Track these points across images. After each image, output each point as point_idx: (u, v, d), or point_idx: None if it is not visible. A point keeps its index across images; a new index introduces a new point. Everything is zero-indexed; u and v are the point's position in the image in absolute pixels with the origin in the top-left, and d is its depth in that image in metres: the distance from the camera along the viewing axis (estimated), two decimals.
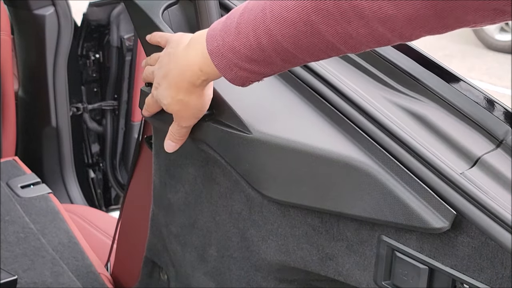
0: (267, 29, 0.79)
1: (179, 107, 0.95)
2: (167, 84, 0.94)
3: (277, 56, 0.81)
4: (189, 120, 0.99)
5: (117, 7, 2.25)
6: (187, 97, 0.94)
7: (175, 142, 1.02)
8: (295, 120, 0.96)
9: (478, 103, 0.91)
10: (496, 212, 0.78)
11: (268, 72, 0.86)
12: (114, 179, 2.44)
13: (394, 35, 0.74)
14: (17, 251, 1.62)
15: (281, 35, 0.79)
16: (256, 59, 0.83)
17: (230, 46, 0.83)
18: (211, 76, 0.90)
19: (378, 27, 0.73)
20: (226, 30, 0.84)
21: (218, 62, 0.86)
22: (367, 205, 0.87)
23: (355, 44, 0.77)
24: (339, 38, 0.76)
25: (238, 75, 0.86)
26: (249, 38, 0.81)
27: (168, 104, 0.95)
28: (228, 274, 1.13)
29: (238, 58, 0.84)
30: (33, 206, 1.83)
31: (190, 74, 0.90)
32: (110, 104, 2.37)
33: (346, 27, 0.74)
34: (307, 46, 0.79)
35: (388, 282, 0.90)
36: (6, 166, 2.02)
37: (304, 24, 0.76)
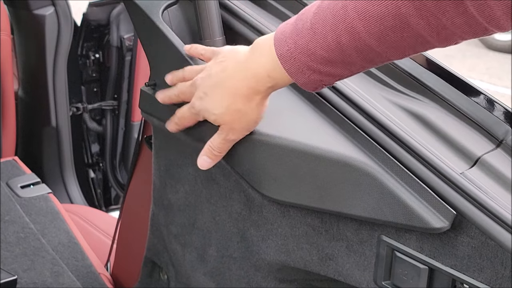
0: (349, 26, 0.75)
1: (233, 118, 0.89)
2: (220, 93, 0.88)
3: (358, 55, 0.77)
4: (239, 133, 0.92)
5: (117, 7, 2.25)
6: (246, 106, 0.88)
7: (212, 159, 0.95)
8: (295, 120, 0.96)
9: (478, 103, 0.91)
10: (496, 212, 0.78)
11: (346, 74, 0.81)
12: (114, 179, 2.44)
13: (491, 25, 0.69)
14: (17, 251, 1.62)
15: (366, 32, 0.74)
16: (334, 60, 0.78)
17: (304, 49, 0.79)
18: (279, 82, 0.85)
19: (476, 16, 0.69)
20: (299, 32, 0.80)
21: (289, 66, 0.81)
22: (367, 205, 0.87)
23: (447, 35, 0.72)
24: (431, 30, 0.72)
25: (311, 79, 0.81)
26: (327, 38, 0.77)
27: (221, 114, 0.89)
28: (228, 274, 1.13)
29: (312, 61, 0.79)
30: (33, 206, 1.83)
31: (255, 80, 0.85)
32: (110, 104, 2.37)
33: (441, 18, 0.70)
34: (393, 42, 0.74)
35: (388, 282, 0.90)
36: (6, 166, 2.02)
37: (393, 18, 0.72)
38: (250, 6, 1.08)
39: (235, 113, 0.89)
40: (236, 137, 0.93)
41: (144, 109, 1.11)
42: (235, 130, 0.91)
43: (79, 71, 2.33)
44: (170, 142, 1.13)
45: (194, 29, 1.07)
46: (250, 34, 1.03)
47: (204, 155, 0.95)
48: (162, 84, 1.07)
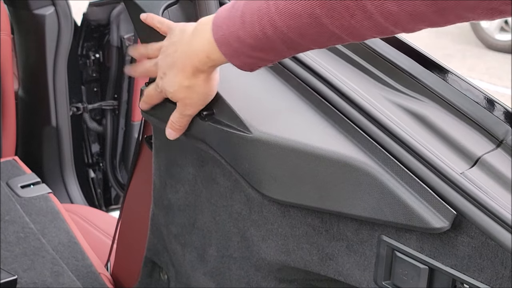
0: (272, 20, 0.81)
1: (185, 94, 0.96)
2: (174, 72, 0.95)
3: (283, 44, 0.83)
4: (193, 107, 0.99)
5: (117, 7, 2.25)
6: (193, 82, 0.95)
7: (175, 131, 1.03)
8: (295, 120, 0.96)
9: (478, 103, 0.91)
10: (496, 212, 0.78)
11: (275, 58, 0.88)
12: (114, 179, 2.44)
13: (397, 28, 0.76)
14: (17, 251, 1.62)
15: (286, 26, 0.80)
16: (262, 47, 0.84)
17: (236, 36, 0.85)
18: (217, 62, 0.91)
19: (381, 21, 0.75)
20: (231, 19, 0.85)
21: (225, 50, 0.87)
22: (367, 205, 0.87)
23: (359, 34, 0.78)
24: (344, 30, 0.78)
25: (245, 62, 0.88)
26: (254, 28, 0.83)
27: (175, 91, 0.96)
28: (228, 274, 1.13)
29: (244, 47, 0.85)
30: (33, 206, 1.83)
31: (198, 60, 0.91)
32: (110, 104, 2.37)
33: (350, 20, 0.76)
34: (312, 37, 0.80)
35: (388, 282, 0.90)
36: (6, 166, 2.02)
37: (309, 17, 0.78)
38: None
39: (185, 89, 0.95)
40: (191, 112, 1.00)
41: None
42: (187, 105, 0.98)
43: (79, 71, 2.33)
44: (170, 142, 1.13)
45: None
46: None
47: (168, 128, 1.03)
48: None
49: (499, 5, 0.68)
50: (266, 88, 1.00)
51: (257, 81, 0.93)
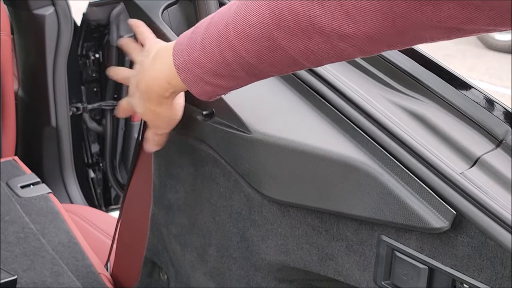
0: (231, 44, 0.80)
1: (152, 117, 0.98)
2: (139, 94, 0.96)
3: (242, 70, 0.82)
4: (163, 129, 1.01)
5: (117, 7, 2.25)
6: (158, 108, 0.95)
7: (153, 146, 1.05)
8: (295, 120, 0.96)
9: (478, 103, 0.91)
10: (496, 212, 0.78)
11: (234, 86, 0.87)
12: (114, 179, 2.44)
13: (355, 50, 0.74)
14: (17, 251, 1.62)
15: (245, 50, 0.79)
16: (222, 73, 0.83)
17: (196, 61, 0.84)
18: (178, 88, 0.90)
19: (339, 43, 0.73)
20: (192, 45, 0.84)
21: (184, 76, 0.86)
22: (367, 205, 0.87)
23: (316, 59, 0.77)
24: (301, 53, 0.76)
25: (204, 89, 0.86)
26: (214, 53, 0.82)
27: (142, 113, 0.98)
28: (228, 274, 1.13)
29: (204, 73, 0.84)
30: (33, 206, 1.83)
31: (158, 87, 0.91)
32: (110, 104, 2.37)
33: (307, 43, 0.75)
34: (270, 61, 0.79)
35: (388, 282, 0.90)
36: (6, 166, 2.02)
37: (267, 40, 0.77)
38: None
39: (152, 113, 0.97)
40: (161, 131, 1.02)
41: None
42: (156, 126, 1.01)
43: (79, 71, 2.33)
44: (170, 142, 1.13)
45: None
46: None
47: (147, 144, 1.05)
48: None
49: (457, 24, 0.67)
50: (266, 88, 1.00)
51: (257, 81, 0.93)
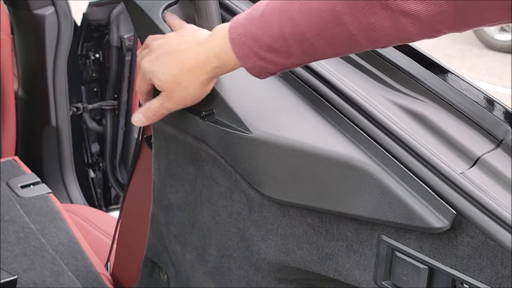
0: (292, 18, 0.81)
1: (173, 88, 0.93)
2: (170, 61, 0.92)
3: (298, 47, 0.82)
4: (175, 104, 0.96)
5: (117, 7, 2.25)
6: (188, 81, 0.92)
7: (146, 119, 0.98)
8: (295, 119, 0.96)
9: (478, 103, 0.91)
10: (496, 212, 0.78)
11: (287, 64, 0.86)
12: (114, 179, 2.44)
13: (416, 30, 0.76)
14: (17, 251, 1.62)
15: (305, 25, 0.80)
16: (277, 48, 0.84)
17: (252, 35, 0.84)
18: (226, 64, 0.89)
19: (401, 21, 0.75)
20: (250, 19, 0.85)
21: (238, 50, 0.86)
22: (367, 205, 0.87)
23: (376, 37, 0.78)
24: (362, 29, 0.77)
25: (256, 64, 0.86)
26: (273, 27, 0.82)
27: (164, 81, 0.93)
28: (228, 274, 1.13)
29: (259, 47, 0.84)
30: (33, 206, 1.83)
31: (204, 59, 0.90)
32: (110, 104, 2.37)
33: (370, 18, 0.76)
34: (329, 37, 0.80)
35: (388, 282, 0.90)
36: (6, 166, 2.02)
37: (330, 14, 0.78)
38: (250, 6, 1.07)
39: (177, 84, 0.92)
40: (171, 106, 0.95)
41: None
42: (172, 100, 0.94)
43: (79, 71, 2.33)
44: (170, 142, 1.13)
45: None
46: None
47: (140, 113, 0.98)
48: None
49: None
50: (266, 88, 1.00)
51: (257, 81, 0.93)
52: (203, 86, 0.93)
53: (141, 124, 0.99)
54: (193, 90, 0.93)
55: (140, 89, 1.00)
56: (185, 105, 0.96)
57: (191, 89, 0.93)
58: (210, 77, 0.92)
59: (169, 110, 0.97)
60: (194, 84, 0.92)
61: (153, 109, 0.97)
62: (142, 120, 0.98)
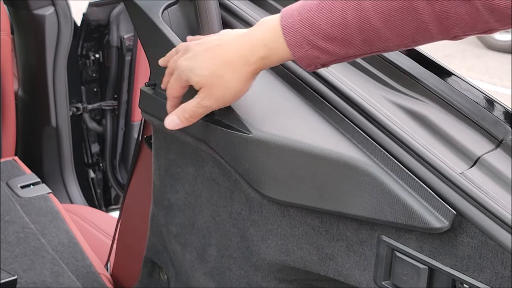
0: (358, 3, 0.77)
1: (214, 82, 0.87)
2: (210, 56, 0.87)
3: (360, 35, 0.78)
4: (215, 101, 0.89)
5: (117, 7, 2.25)
6: (230, 75, 0.86)
7: (181, 121, 0.92)
8: (295, 120, 0.96)
9: (478, 103, 0.91)
10: (496, 212, 0.78)
11: (342, 54, 0.81)
12: (114, 179, 2.44)
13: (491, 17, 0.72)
14: (17, 251, 1.62)
15: (374, 10, 0.76)
16: (335, 37, 0.79)
17: (309, 22, 0.80)
18: (273, 55, 0.84)
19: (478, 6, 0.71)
20: (306, 7, 0.81)
21: (290, 37, 0.81)
22: (367, 205, 0.87)
23: (449, 25, 0.74)
24: (435, 17, 0.74)
25: (308, 54, 0.81)
26: (334, 13, 0.78)
27: (203, 76, 0.87)
28: (228, 274, 1.13)
29: (314, 34, 0.80)
30: (33, 206, 1.83)
31: (249, 48, 0.84)
32: (110, 104, 2.37)
33: (446, 4, 0.72)
34: (397, 25, 0.76)
35: (388, 282, 0.90)
36: (6, 166, 2.02)
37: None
38: (250, 6, 1.08)
39: (218, 78, 0.87)
40: (210, 104, 0.89)
41: (144, 109, 1.11)
42: (212, 96, 0.88)
43: (79, 71, 2.33)
44: (170, 142, 1.13)
45: (194, 29, 1.07)
46: None
47: (174, 115, 0.92)
48: None
49: None
50: (266, 88, 1.00)
51: (257, 81, 0.93)
52: (246, 80, 0.87)
53: (176, 127, 0.92)
54: (235, 85, 0.87)
55: (171, 92, 0.94)
56: (225, 102, 0.90)
57: (233, 83, 0.87)
58: (254, 70, 0.86)
59: (207, 108, 0.90)
60: (237, 78, 0.86)
61: (190, 109, 0.90)
62: (177, 122, 0.92)
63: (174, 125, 0.92)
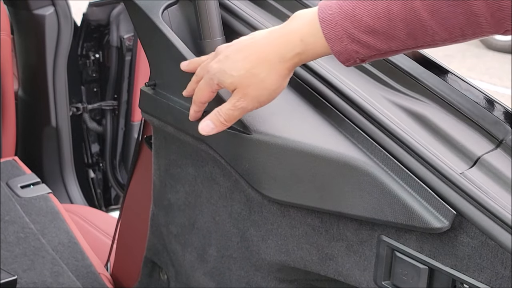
0: None
1: (250, 82, 0.83)
2: (243, 55, 0.83)
3: (404, 28, 0.75)
4: (251, 101, 0.85)
5: (117, 7, 2.26)
6: (266, 73, 0.82)
7: (216, 125, 0.88)
8: (295, 120, 0.96)
9: (478, 103, 0.91)
10: (496, 212, 0.78)
11: (383, 48, 0.78)
12: (114, 179, 2.44)
13: None
14: (17, 251, 1.62)
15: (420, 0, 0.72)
16: (378, 30, 0.76)
17: (349, 14, 0.76)
18: (310, 50, 0.80)
19: None
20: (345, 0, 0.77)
21: (328, 31, 0.77)
22: (367, 205, 0.87)
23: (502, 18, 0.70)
24: (487, 9, 0.70)
25: (347, 48, 0.78)
26: (377, 4, 0.75)
27: (238, 76, 0.83)
28: (228, 274, 1.13)
29: (355, 27, 0.76)
30: (33, 206, 1.83)
31: (285, 44, 0.81)
32: (110, 104, 2.37)
33: None
34: (445, 17, 0.72)
35: (388, 282, 0.90)
36: (6, 166, 2.02)
37: None
38: (250, 6, 1.08)
39: (253, 77, 0.83)
40: (246, 104, 0.85)
41: (144, 109, 1.11)
42: (248, 96, 0.84)
43: (79, 71, 2.33)
44: (170, 142, 1.13)
45: (194, 29, 1.07)
46: None
47: (208, 119, 0.88)
48: (162, 84, 1.07)
49: None
50: None
51: None
52: (282, 78, 0.84)
53: (210, 132, 0.89)
54: (271, 83, 0.83)
55: (199, 97, 0.91)
56: (262, 102, 0.86)
57: (270, 81, 0.83)
58: (290, 66, 0.83)
59: (243, 110, 0.86)
60: (273, 75, 0.83)
61: (225, 112, 0.87)
62: (212, 127, 0.88)
63: (208, 130, 0.89)
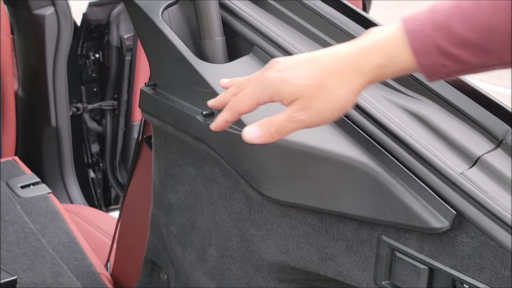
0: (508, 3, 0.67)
1: (316, 93, 0.73)
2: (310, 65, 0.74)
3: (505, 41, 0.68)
4: (311, 115, 0.75)
5: (117, 7, 2.26)
6: (336, 85, 0.73)
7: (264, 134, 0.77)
8: None
9: (478, 103, 0.91)
10: (496, 212, 0.78)
11: (476, 63, 0.70)
12: (114, 179, 2.44)
13: None
14: (17, 251, 1.62)
15: None
16: (473, 43, 0.69)
17: (442, 25, 0.69)
18: (393, 63, 0.72)
19: None
20: (437, 10, 0.71)
21: (416, 42, 0.70)
22: (367, 205, 0.87)
23: None
24: None
25: (435, 62, 0.71)
26: (477, 15, 0.68)
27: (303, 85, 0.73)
28: (228, 274, 1.13)
29: (447, 39, 0.69)
30: (33, 206, 1.83)
31: (365, 55, 0.72)
32: (110, 104, 2.37)
33: None
34: None
35: (388, 282, 0.90)
36: (6, 166, 2.02)
37: None
38: (250, 6, 1.07)
39: (321, 88, 0.73)
40: (305, 117, 0.74)
41: (144, 109, 1.11)
42: (310, 109, 0.74)
43: (79, 71, 2.33)
44: (170, 142, 1.13)
45: (194, 29, 1.07)
46: (250, 34, 1.03)
47: (257, 126, 0.78)
48: (162, 84, 1.07)
49: None
50: None
51: None
52: (354, 94, 0.74)
53: (255, 140, 0.77)
54: (341, 97, 0.74)
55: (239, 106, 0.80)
56: (324, 118, 0.75)
57: (339, 95, 0.74)
58: (365, 81, 0.74)
59: (300, 124, 0.75)
60: (345, 89, 0.73)
61: (278, 122, 0.76)
62: (259, 134, 0.77)
63: (253, 137, 0.78)
